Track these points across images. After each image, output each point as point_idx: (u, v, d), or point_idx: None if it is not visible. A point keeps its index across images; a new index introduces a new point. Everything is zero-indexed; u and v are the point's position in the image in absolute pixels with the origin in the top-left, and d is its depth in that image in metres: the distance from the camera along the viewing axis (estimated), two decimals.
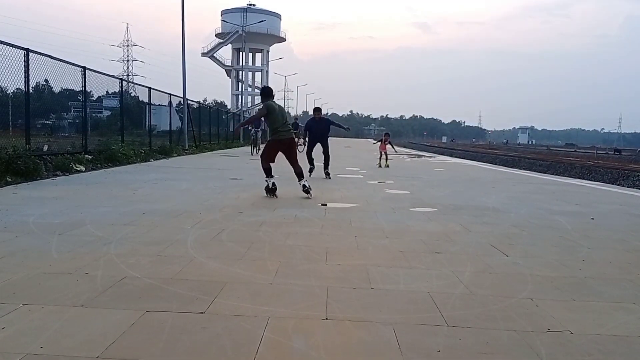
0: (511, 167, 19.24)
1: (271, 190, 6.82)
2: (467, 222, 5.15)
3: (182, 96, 20.61)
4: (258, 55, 78.25)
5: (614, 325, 2.44)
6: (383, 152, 14.09)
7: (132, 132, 16.42)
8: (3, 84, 9.33)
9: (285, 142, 6.99)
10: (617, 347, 2.19)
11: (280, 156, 7.10)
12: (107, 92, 15.74)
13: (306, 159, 9.88)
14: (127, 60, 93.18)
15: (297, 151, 7.38)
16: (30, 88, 9.78)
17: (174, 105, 20.53)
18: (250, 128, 19.86)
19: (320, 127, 10.09)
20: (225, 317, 2.39)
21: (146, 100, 17.43)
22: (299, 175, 6.99)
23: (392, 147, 15.05)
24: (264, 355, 1.99)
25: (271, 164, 7.00)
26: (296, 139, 7.87)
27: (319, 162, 10.08)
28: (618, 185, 13.63)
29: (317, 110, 10.32)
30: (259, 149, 18.90)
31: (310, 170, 9.84)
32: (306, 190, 6.85)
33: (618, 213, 6.24)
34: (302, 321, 2.36)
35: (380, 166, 13.72)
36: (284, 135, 6.95)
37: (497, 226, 5.03)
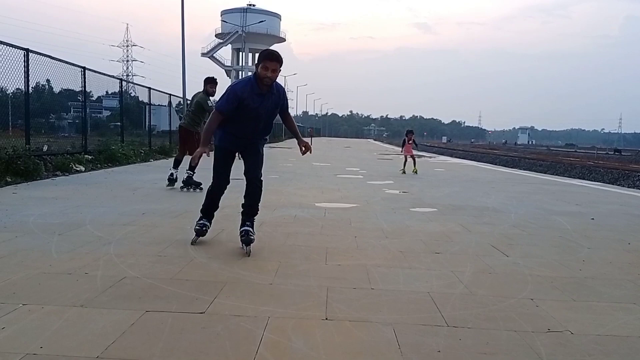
0: (511, 168, 19.24)
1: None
2: (467, 222, 5.15)
3: (181, 96, 20.60)
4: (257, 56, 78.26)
5: (615, 326, 2.44)
6: (409, 156, 11.60)
7: (131, 132, 16.42)
8: (3, 84, 9.34)
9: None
10: (618, 348, 2.19)
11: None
12: (106, 92, 15.75)
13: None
14: (127, 61, 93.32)
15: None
16: (30, 88, 9.78)
17: (174, 105, 20.53)
18: None
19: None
20: (225, 317, 2.39)
21: (146, 100, 17.43)
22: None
23: (416, 145, 12.29)
24: (264, 355, 1.99)
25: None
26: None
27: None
28: (618, 185, 13.62)
29: (211, 81, 7.17)
30: None
31: (200, 232, 3.97)
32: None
33: (618, 213, 6.24)
34: (301, 321, 2.36)
35: (404, 172, 11.35)
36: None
37: (497, 226, 5.03)
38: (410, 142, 11.69)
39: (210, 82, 7.17)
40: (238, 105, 3.58)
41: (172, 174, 7.42)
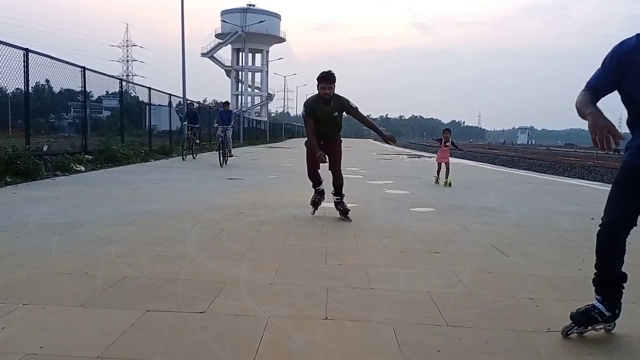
0: (511, 167, 19.24)
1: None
2: (467, 222, 5.16)
3: (182, 96, 20.61)
4: (258, 56, 78.36)
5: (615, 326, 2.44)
6: (443, 163, 8.99)
7: (132, 132, 16.43)
8: (3, 84, 9.35)
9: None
10: (618, 347, 2.19)
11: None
12: (107, 92, 15.75)
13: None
14: (127, 61, 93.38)
15: None
16: (29, 88, 9.78)
17: (174, 105, 20.54)
18: (215, 125, 13.65)
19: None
20: (225, 316, 2.39)
21: (146, 100, 17.43)
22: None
23: (455, 147, 9.58)
24: (264, 355, 1.99)
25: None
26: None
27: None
28: None
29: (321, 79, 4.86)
30: (230, 155, 13.80)
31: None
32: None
33: None
34: (302, 321, 2.36)
35: (438, 182, 9.04)
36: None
37: (497, 226, 5.03)
38: (447, 144, 9.05)
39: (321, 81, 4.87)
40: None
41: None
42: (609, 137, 1.97)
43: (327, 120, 5.01)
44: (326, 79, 4.83)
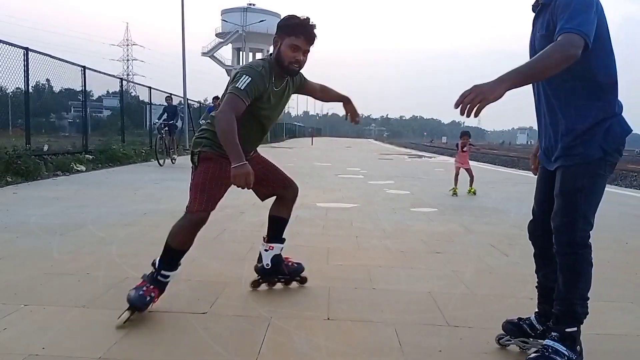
0: (511, 167, 19.23)
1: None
2: (468, 222, 5.16)
3: (182, 96, 20.60)
4: (258, 55, 78.27)
5: (613, 325, 2.45)
6: (463, 169, 8.09)
7: (132, 132, 16.44)
8: (3, 84, 9.36)
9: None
10: (616, 347, 2.20)
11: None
12: (107, 91, 15.77)
13: None
14: (127, 60, 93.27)
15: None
16: (30, 87, 9.79)
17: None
18: (156, 121, 12.49)
19: None
20: (227, 317, 2.39)
21: (147, 99, 17.44)
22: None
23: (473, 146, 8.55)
24: (266, 356, 2.00)
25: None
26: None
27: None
28: (616, 185, 13.61)
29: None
30: (175, 155, 12.37)
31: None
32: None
33: (616, 213, 6.24)
34: (303, 321, 2.37)
35: (455, 193, 7.63)
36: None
37: (497, 226, 5.04)
38: (465, 148, 8.19)
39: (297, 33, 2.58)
40: None
41: None
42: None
43: (277, 110, 2.73)
44: (307, 33, 2.56)
